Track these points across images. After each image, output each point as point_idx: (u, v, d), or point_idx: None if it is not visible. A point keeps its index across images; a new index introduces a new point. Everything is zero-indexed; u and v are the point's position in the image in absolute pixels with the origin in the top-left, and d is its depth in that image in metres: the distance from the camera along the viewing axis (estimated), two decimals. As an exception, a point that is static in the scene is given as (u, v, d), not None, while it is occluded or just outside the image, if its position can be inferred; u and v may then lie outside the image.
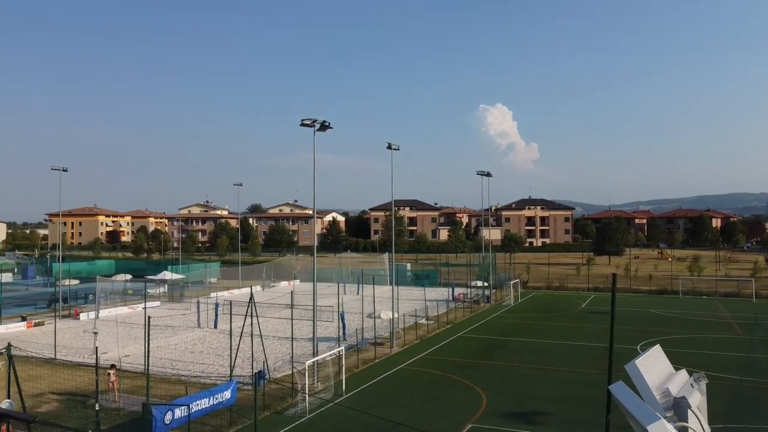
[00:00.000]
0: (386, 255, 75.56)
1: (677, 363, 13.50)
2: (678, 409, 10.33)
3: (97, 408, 20.76)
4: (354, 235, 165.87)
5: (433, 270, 79.12)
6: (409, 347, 36.65)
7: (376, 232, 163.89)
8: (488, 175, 58.69)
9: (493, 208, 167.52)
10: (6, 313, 48.12)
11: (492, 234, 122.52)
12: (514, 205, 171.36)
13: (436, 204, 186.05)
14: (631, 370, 10.86)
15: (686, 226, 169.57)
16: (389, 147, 37.09)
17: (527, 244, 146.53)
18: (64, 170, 49.18)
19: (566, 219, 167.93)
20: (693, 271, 72.76)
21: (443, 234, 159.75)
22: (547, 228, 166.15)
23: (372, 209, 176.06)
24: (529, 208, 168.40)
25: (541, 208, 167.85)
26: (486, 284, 61.73)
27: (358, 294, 57.23)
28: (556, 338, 39.73)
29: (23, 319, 44.93)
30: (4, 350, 20.87)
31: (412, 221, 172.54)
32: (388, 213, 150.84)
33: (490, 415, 23.06)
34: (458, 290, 60.66)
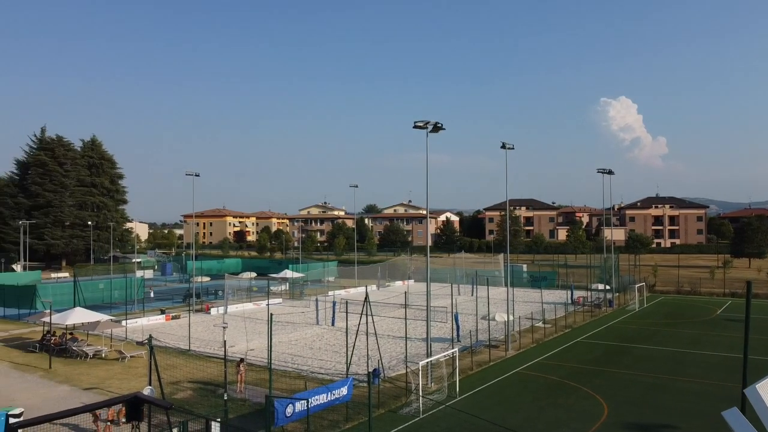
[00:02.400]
0: (501, 255, 74.18)
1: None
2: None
3: (225, 398, 22.20)
4: (468, 235, 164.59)
5: (550, 271, 76.64)
6: (525, 351, 35.78)
7: (490, 232, 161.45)
8: (610, 172, 55.91)
9: (616, 206, 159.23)
10: (148, 307, 52.70)
11: (615, 234, 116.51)
12: (639, 204, 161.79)
13: (553, 203, 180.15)
14: (751, 394, 9.69)
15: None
16: (503, 146, 36.40)
17: (654, 245, 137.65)
18: (196, 175, 53.02)
19: (699, 218, 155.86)
20: None
21: (561, 234, 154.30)
22: (676, 228, 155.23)
23: (486, 209, 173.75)
24: (657, 207, 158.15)
25: (670, 207, 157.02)
26: (608, 287, 58.81)
27: (472, 295, 56.70)
28: (685, 346, 37.04)
29: (162, 312, 49.01)
30: (146, 341, 22.91)
31: (529, 221, 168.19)
32: (503, 212, 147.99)
33: (611, 426, 21.94)
34: (577, 293, 58.30)
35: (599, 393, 26.29)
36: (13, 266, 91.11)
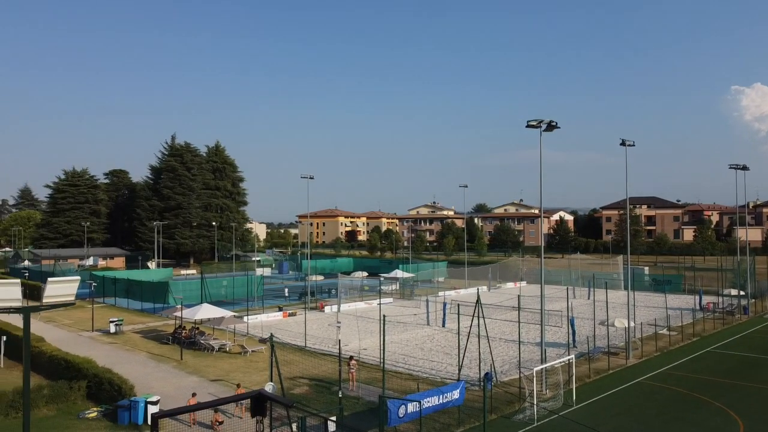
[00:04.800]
0: (620, 257, 70.51)
1: None
2: None
3: (340, 395, 22.85)
4: (583, 235, 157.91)
5: (675, 275, 71.76)
6: (648, 359, 33.75)
7: (608, 232, 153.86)
8: (744, 168, 51.38)
9: (751, 204, 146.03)
10: (267, 304, 55.39)
11: (750, 234, 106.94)
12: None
13: (678, 201, 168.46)
14: None
15: None
16: (623, 143, 34.56)
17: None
18: (310, 178, 55.01)
19: None
20: None
21: (687, 234, 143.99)
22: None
23: (603, 207, 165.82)
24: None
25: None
26: (742, 293, 54.08)
27: (588, 298, 54.34)
28: (838, 361, 33.25)
29: (280, 309, 51.33)
30: (267, 339, 24.09)
31: (650, 220, 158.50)
32: (622, 211, 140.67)
33: (750, 446, 20.16)
34: (707, 298, 54.15)
35: (733, 409, 24.24)
36: (149, 263, 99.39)
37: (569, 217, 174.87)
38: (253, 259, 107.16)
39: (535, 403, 23.33)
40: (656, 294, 60.30)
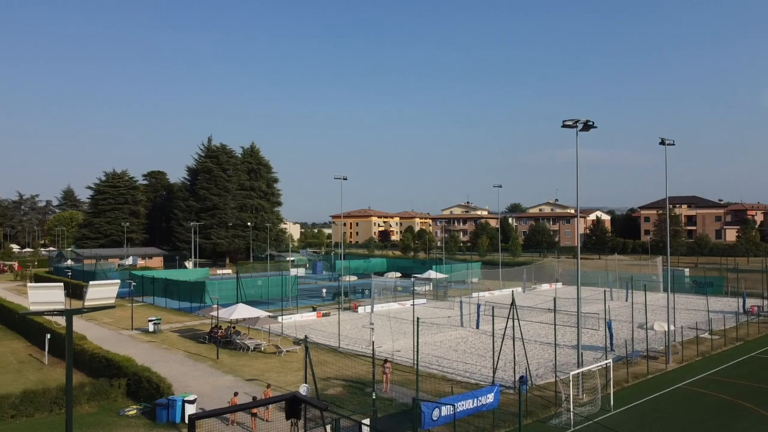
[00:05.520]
0: (659, 258, 68.95)
1: None
2: None
3: (374, 397, 22.86)
4: (621, 235, 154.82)
5: (717, 276, 69.79)
6: (689, 364, 32.87)
7: (646, 232, 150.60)
8: (790, 167, 49.64)
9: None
10: (301, 304, 55.83)
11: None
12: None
13: (720, 200, 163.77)
14: None
15: None
16: (662, 142, 33.75)
17: None
18: (344, 179, 55.25)
19: None
20: None
21: (730, 235, 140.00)
22: None
23: (642, 207, 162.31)
24: None
25: None
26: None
27: (626, 301, 53.31)
28: None
29: (313, 309, 51.69)
30: (302, 341, 24.24)
31: (691, 220, 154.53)
32: (661, 211, 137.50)
33: (797, 457, 19.44)
34: (751, 301, 52.50)
35: (780, 417, 23.43)
36: (186, 263, 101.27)
37: (606, 217, 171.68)
38: (288, 259, 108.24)
39: (571, 407, 22.95)
40: (697, 296, 58.74)
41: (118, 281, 14.42)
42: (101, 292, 13.03)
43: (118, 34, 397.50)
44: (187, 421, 19.34)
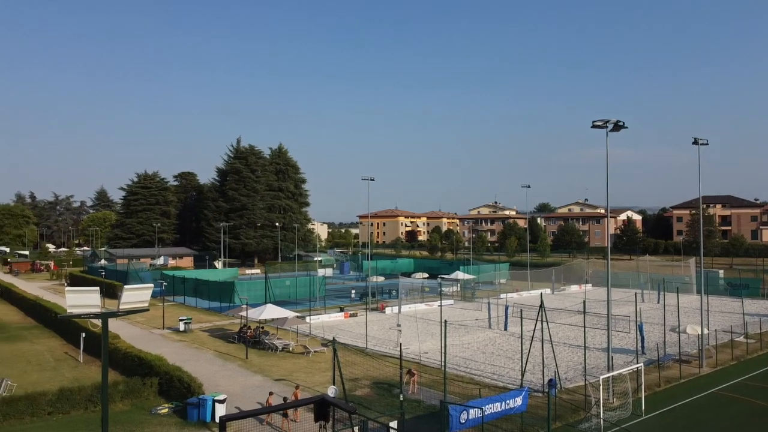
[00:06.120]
0: (692, 259, 67.55)
1: None
2: None
3: (401, 399, 22.90)
4: (652, 235, 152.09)
5: (753, 278, 68.11)
6: (724, 368, 32.18)
7: (679, 232, 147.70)
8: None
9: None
10: (329, 304, 56.14)
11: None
12: None
13: (756, 200, 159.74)
14: None
15: None
16: (695, 142, 33.12)
17: None
18: (371, 180, 55.40)
19: None
20: None
21: (766, 235, 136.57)
22: None
23: (674, 207, 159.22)
24: None
25: None
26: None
27: (658, 303, 52.35)
28: None
29: (341, 310, 51.92)
30: (330, 342, 24.40)
31: (725, 220, 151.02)
32: (694, 211, 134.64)
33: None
34: (788, 304, 51.16)
35: (819, 424, 22.80)
36: (215, 263, 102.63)
37: (637, 217, 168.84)
38: (315, 259, 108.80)
39: (601, 412, 22.66)
40: (732, 299, 57.44)
41: (152, 285, 14.76)
42: (135, 295, 13.37)
43: (152, 42, 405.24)
44: (218, 420, 19.63)
